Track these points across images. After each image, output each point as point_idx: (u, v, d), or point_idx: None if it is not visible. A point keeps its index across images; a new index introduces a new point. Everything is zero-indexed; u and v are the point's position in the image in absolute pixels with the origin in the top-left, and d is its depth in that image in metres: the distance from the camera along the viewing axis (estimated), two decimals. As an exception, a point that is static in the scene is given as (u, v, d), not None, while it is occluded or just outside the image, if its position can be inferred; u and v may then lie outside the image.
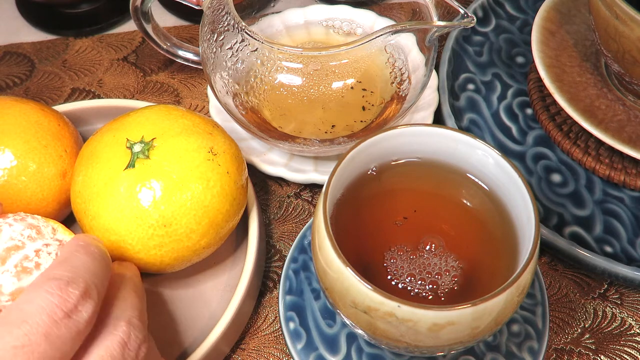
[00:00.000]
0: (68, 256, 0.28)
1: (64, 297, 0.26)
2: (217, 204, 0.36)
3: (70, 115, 0.45)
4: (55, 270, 0.27)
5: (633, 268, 0.39)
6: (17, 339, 0.24)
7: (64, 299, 0.26)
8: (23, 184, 0.37)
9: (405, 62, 0.44)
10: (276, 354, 0.38)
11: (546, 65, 0.44)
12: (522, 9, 0.53)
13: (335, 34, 0.49)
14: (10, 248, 0.30)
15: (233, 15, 0.39)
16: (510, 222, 0.32)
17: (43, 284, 0.26)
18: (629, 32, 0.37)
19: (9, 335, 0.24)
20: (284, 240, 0.43)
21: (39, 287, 0.26)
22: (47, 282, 0.26)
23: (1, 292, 0.29)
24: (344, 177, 0.32)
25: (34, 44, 0.56)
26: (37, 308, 0.25)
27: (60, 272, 0.27)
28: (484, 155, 0.33)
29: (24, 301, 0.26)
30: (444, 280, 0.32)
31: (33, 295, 0.26)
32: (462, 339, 0.28)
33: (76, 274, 0.27)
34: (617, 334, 0.39)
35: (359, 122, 0.43)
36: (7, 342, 0.24)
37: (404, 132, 0.33)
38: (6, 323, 0.25)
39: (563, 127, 0.45)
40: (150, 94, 0.52)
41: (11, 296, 0.29)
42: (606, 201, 0.43)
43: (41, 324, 0.25)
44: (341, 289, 0.29)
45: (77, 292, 0.26)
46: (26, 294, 0.26)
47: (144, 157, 0.35)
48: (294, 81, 0.40)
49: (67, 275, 0.27)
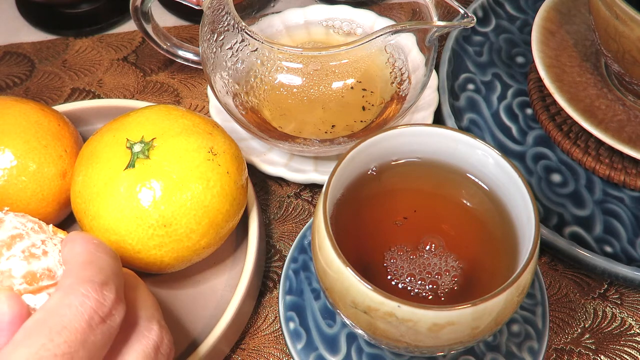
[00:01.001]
0: (91, 257, 0.27)
1: (100, 301, 0.25)
2: (217, 204, 0.36)
3: (70, 115, 0.45)
4: (85, 272, 0.26)
5: (633, 268, 0.39)
6: (59, 347, 0.24)
7: (100, 304, 0.25)
8: (23, 184, 0.37)
9: (405, 62, 0.44)
10: (276, 354, 0.38)
11: (546, 65, 0.44)
12: (522, 9, 0.53)
13: (335, 34, 0.49)
14: (15, 236, 0.29)
15: (233, 15, 0.39)
16: (510, 222, 0.32)
17: (78, 286, 0.25)
18: (629, 32, 0.37)
19: (51, 343, 0.24)
20: (284, 240, 0.43)
21: (75, 290, 0.25)
22: (82, 284, 0.26)
23: (12, 276, 0.28)
24: (344, 177, 0.32)
25: (34, 44, 0.56)
26: (76, 313, 0.25)
27: (91, 273, 0.26)
28: (484, 155, 0.33)
29: (62, 305, 0.25)
30: (444, 280, 0.32)
31: (71, 298, 0.25)
32: (462, 339, 0.28)
33: (107, 276, 0.27)
34: (617, 334, 0.39)
35: (359, 122, 0.43)
36: (49, 349, 0.24)
37: (404, 132, 0.33)
38: (47, 328, 0.24)
39: (563, 127, 0.45)
40: (150, 94, 0.52)
41: (24, 279, 0.28)
42: (606, 201, 0.43)
43: (80, 330, 0.24)
44: (341, 289, 0.29)
45: (112, 295, 0.26)
46: (63, 295, 0.25)
47: (144, 157, 0.35)
48: (294, 81, 0.40)
49: (100, 278, 0.26)
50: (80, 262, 0.27)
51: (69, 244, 0.28)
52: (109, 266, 0.27)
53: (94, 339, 0.25)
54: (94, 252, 0.28)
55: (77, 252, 0.28)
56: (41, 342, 0.24)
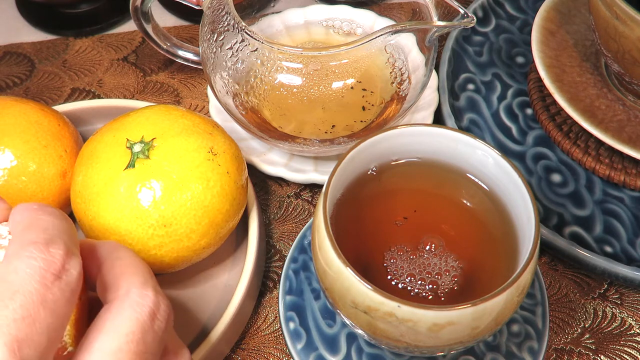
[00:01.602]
0: (32, 220, 0.26)
1: (48, 258, 0.24)
2: (217, 204, 0.36)
3: (70, 115, 0.45)
4: (27, 235, 0.25)
5: (633, 268, 0.39)
6: (15, 312, 0.22)
7: (49, 261, 0.24)
8: (23, 184, 0.37)
9: (405, 62, 0.44)
10: (276, 354, 0.38)
11: (546, 65, 0.44)
12: (522, 9, 0.53)
13: (335, 34, 0.49)
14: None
15: (233, 15, 0.39)
16: (510, 222, 0.32)
17: (21, 250, 0.24)
18: (629, 32, 0.37)
19: (6, 309, 0.22)
20: (284, 240, 0.43)
21: (18, 254, 0.24)
22: (24, 247, 0.24)
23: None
24: (344, 177, 0.32)
25: (34, 44, 0.56)
26: (25, 276, 0.23)
27: (33, 235, 0.25)
28: (484, 155, 0.33)
29: (7, 272, 0.23)
30: (444, 280, 0.32)
31: (16, 264, 0.24)
32: (462, 339, 0.28)
33: (51, 235, 0.25)
34: (617, 334, 0.39)
35: (359, 122, 0.43)
36: (6, 316, 0.22)
37: (404, 132, 0.33)
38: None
39: (563, 127, 0.45)
40: (150, 94, 0.52)
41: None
42: (606, 201, 0.43)
43: (34, 292, 0.23)
44: (341, 289, 0.29)
45: (60, 251, 0.24)
46: (7, 264, 0.24)
47: (144, 157, 0.35)
48: (294, 81, 0.40)
49: (43, 237, 0.25)
50: (21, 228, 0.25)
51: (12, 216, 0.27)
52: (54, 226, 0.26)
53: (52, 297, 0.23)
54: (34, 216, 0.26)
55: (17, 220, 0.26)
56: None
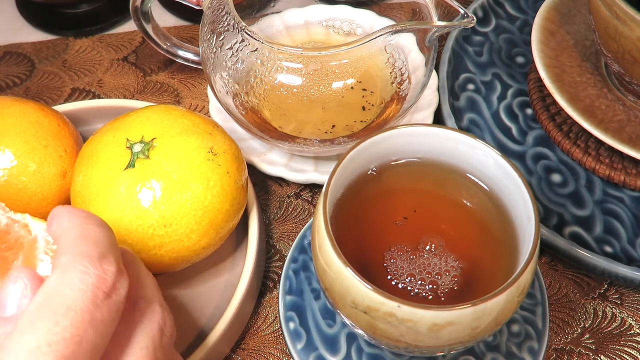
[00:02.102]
0: (83, 230, 0.25)
1: (101, 275, 0.24)
2: (217, 204, 0.36)
3: (70, 115, 0.45)
4: (80, 247, 0.24)
5: (633, 268, 0.39)
6: (66, 330, 0.22)
7: (102, 278, 0.24)
8: (23, 184, 0.37)
9: (405, 62, 0.44)
10: (276, 354, 0.38)
11: (546, 65, 0.44)
12: (522, 9, 0.53)
13: (335, 34, 0.49)
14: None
15: (233, 15, 0.39)
16: (510, 222, 0.32)
17: (75, 263, 0.24)
18: (629, 32, 0.37)
19: (57, 327, 0.22)
20: (284, 240, 0.43)
21: (73, 267, 0.24)
22: (79, 260, 0.24)
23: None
24: (344, 177, 0.32)
25: (34, 44, 0.56)
26: (78, 291, 0.23)
27: (87, 247, 0.24)
28: (484, 155, 0.33)
29: (62, 284, 0.23)
30: (444, 280, 0.32)
31: (70, 276, 0.23)
32: (462, 339, 0.28)
33: (104, 249, 0.25)
34: (617, 334, 0.39)
35: (359, 122, 0.43)
36: (57, 333, 0.22)
37: (404, 132, 0.33)
38: (50, 311, 0.23)
39: (563, 127, 0.45)
40: (150, 94, 0.52)
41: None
42: (606, 201, 0.43)
43: (85, 310, 0.23)
44: (341, 289, 0.29)
45: (112, 268, 0.24)
46: (61, 274, 0.23)
47: (144, 157, 0.35)
48: (294, 81, 0.40)
49: (97, 251, 0.24)
50: (72, 237, 0.25)
51: (56, 219, 0.26)
52: (104, 238, 0.26)
53: (101, 317, 0.23)
54: (84, 225, 0.26)
55: (66, 226, 0.26)
56: (47, 327, 0.22)
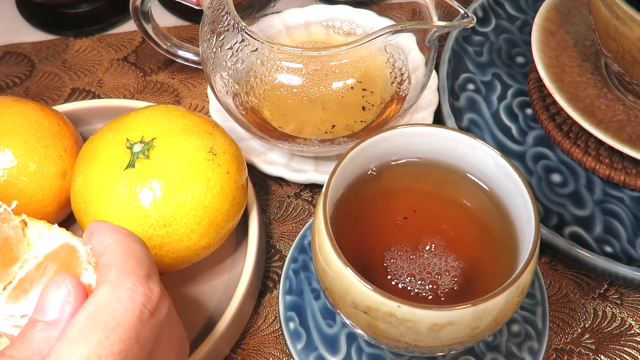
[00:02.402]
0: (127, 248, 0.26)
1: (148, 294, 0.24)
2: (217, 204, 0.36)
3: (70, 115, 0.45)
4: (127, 264, 0.25)
5: (633, 268, 0.39)
6: (115, 345, 0.23)
7: (148, 297, 0.24)
8: (23, 184, 0.37)
9: (405, 62, 0.44)
10: (276, 354, 0.38)
11: (546, 65, 0.44)
12: (522, 9, 0.53)
13: (335, 34, 0.49)
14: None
15: (233, 15, 0.39)
16: (510, 222, 0.32)
17: (124, 279, 0.24)
18: (629, 32, 0.37)
19: (107, 340, 0.23)
20: (284, 240, 0.43)
21: (122, 283, 0.24)
22: (127, 276, 0.24)
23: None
24: (344, 177, 0.32)
25: (34, 44, 0.56)
26: (127, 308, 0.24)
27: (133, 265, 0.25)
28: (484, 155, 0.33)
29: (112, 299, 0.24)
30: (444, 280, 0.32)
31: (120, 292, 0.24)
32: (462, 339, 0.28)
33: (148, 268, 0.25)
34: (617, 334, 0.39)
35: (359, 122, 0.43)
36: (106, 347, 0.23)
37: (404, 132, 0.33)
38: (101, 324, 0.23)
39: (563, 127, 0.45)
40: (150, 94, 0.52)
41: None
42: (606, 201, 0.43)
43: (132, 327, 0.24)
44: (341, 289, 0.29)
45: (157, 288, 0.25)
46: (111, 289, 0.24)
47: (144, 157, 0.35)
48: (294, 81, 0.40)
49: (143, 270, 0.25)
50: (118, 254, 0.26)
51: (97, 235, 0.27)
52: (147, 257, 0.26)
53: (144, 335, 0.24)
54: (128, 243, 0.26)
55: (109, 242, 0.26)
56: (98, 339, 0.23)
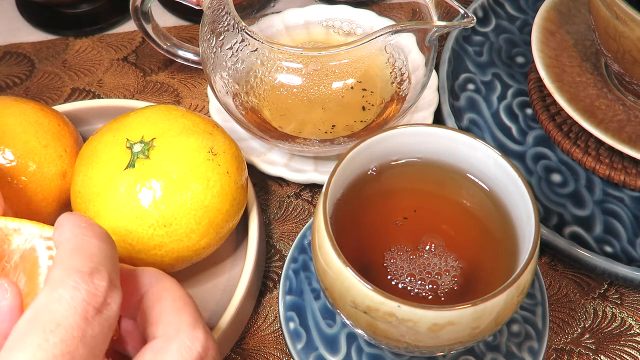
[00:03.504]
0: (79, 242, 0.25)
1: (92, 291, 0.24)
2: (217, 204, 0.36)
3: (70, 115, 0.45)
4: (74, 261, 0.24)
5: (633, 268, 0.39)
6: (56, 347, 0.22)
7: (92, 294, 0.24)
8: (23, 184, 0.37)
9: (405, 62, 0.44)
10: (276, 354, 0.38)
11: (546, 65, 0.44)
12: (522, 9, 0.53)
13: (335, 34, 0.49)
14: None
15: (233, 15, 0.39)
16: (510, 222, 0.32)
17: (66, 278, 0.24)
18: (629, 32, 0.37)
19: (47, 343, 0.22)
20: (284, 240, 0.43)
21: (63, 282, 0.23)
22: (70, 275, 0.24)
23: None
24: (344, 177, 0.32)
25: (34, 44, 0.56)
26: (68, 307, 0.23)
27: (80, 262, 0.24)
28: (484, 155, 0.33)
29: (51, 300, 0.23)
30: (444, 280, 0.32)
31: (60, 292, 0.23)
32: (462, 339, 0.28)
33: (97, 263, 0.25)
34: (617, 334, 0.39)
35: (359, 122, 0.43)
36: (46, 349, 0.22)
37: (404, 132, 0.33)
38: (39, 327, 0.22)
39: (563, 127, 0.45)
40: (150, 94, 0.52)
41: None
42: (606, 201, 0.43)
43: (75, 326, 0.23)
44: (341, 289, 0.29)
45: (103, 283, 0.24)
46: (50, 290, 0.23)
47: (144, 157, 0.35)
48: (294, 81, 0.40)
49: (89, 266, 0.24)
50: (68, 250, 0.25)
51: (59, 229, 0.26)
52: (100, 251, 0.25)
53: (92, 333, 0.23)
54: (82, 237, 0.26)
55: (66, 237, 0.26)
56: (37, 343, 0.22)
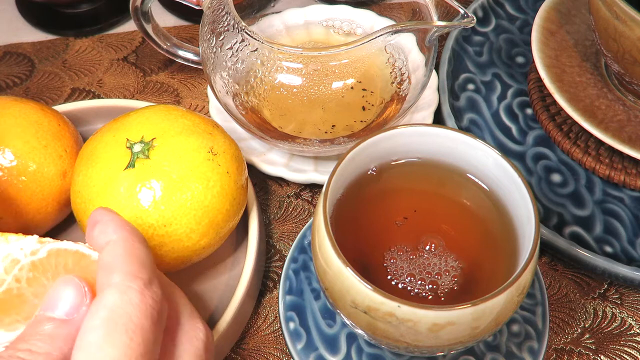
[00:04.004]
0: (130, 248, 0.25)
1: (153, 298, 0.24)
2: (217, 204, 0.36)
3: (70, 115, 0.45)
4: (131, 266, 0.25)
5: (633, 268, 0.39)
6: (140, 347, 0.23)
7: (154, 301, 0.24)
8: (23, 184, 0.37)
9: (405, 62, 0.44)
10: (276, 354, 0.38)
11: (546, 65, 0.44)
12: (522, 9, 0.53)
13: (335, 34, 0.49)
14: None
15: (233, 15, 0.39)
16: (510, 222, 0.32)
17: (129, 282, 0.24)
18: (629, 32, 0.37)
19: (133, 342, 0.23)
20: (284, 240, 0.43)
21: (129, 287, 0.24)
22: (132, 280, 0.24)
23: None
24: (344, 177, 0.32)
25: (34, 44, 0.56)
26: (140, 311, 0.23)
27: (136, 268, 0.25)
28: (484, 155, 0.33)
29: (125, 303, 0.23)
30: (444, 280, 0.32)
31: (130, 296, 0.24)
32: (462, 339, 0.28)
33: (151, 272, 0.25)
34: (617, 334, 0.39)
35: (359, 122, 0.43)
36: (133, 349, 0.23)
37: (404, 132, 0.33)
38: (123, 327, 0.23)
39: (563, 127, 0.45)
40: (150, 94, 0.52)
41: None
42: (606, 201, 0.43)
43: (149, 329, 0.23)
44: (341, 289, 0.29)
45: (159, 291, 0.25)
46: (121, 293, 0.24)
47: (144, 157, 0.35)
48: (294, 81, 0.40)
49: (146, 274, 0.25)
50: (122, 254, 0.25)
51: (100, 226, 0.26)
52: (149, 259, 0.26)
53: (158, 337, 0.24)
54: (132, 243, 0.26)
55: (112, 238, 0.26)
56: (124, 342, 0.23)
